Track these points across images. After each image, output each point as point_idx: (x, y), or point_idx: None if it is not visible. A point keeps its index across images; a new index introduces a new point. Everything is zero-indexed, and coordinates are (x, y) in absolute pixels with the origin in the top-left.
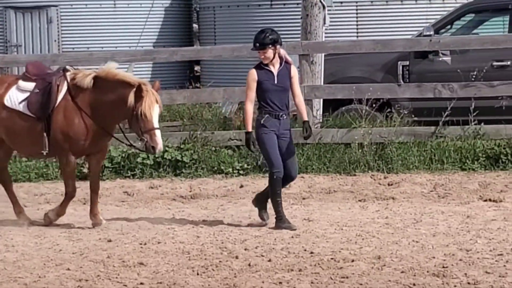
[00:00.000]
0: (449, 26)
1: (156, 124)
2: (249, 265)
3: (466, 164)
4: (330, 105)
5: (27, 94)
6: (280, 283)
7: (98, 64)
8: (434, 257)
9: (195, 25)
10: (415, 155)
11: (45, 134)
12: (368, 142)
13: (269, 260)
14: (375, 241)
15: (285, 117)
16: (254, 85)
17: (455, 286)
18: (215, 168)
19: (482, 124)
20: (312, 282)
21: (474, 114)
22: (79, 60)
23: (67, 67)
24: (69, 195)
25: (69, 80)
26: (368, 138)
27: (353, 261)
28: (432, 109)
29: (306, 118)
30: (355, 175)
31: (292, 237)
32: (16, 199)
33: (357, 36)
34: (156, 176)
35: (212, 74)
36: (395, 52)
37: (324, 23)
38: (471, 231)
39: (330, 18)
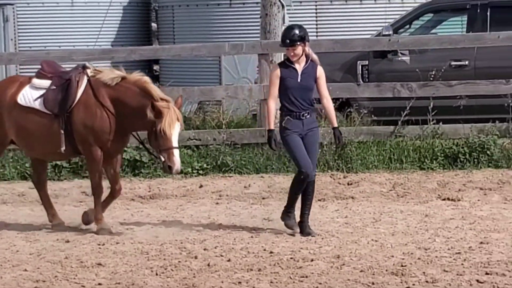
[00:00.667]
0: (408, 26)
1: (175, 143)
2: (208, 265)
3: (425, 163)
4: None
5: (43, 91)
6: (240, 282)
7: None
8: (393, 256)
9: (154, 24)
10: (375, 154)
11: (62, 132)
12: (328, 142)
13: (229, 260)
14: (334, 240)
15: (307, 116)
16: (277, 82)
17: (413, 284)
18: None
19: (441, 123)
20: (271, 282)
21: (433, 113)
22: (36, 59)
23: (86, 63)
24: (97, 192)
25: (89, 76)
26: (328, 138)
27: (312, 260)
28: (391, 108)
29: (335, 124)
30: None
31: (252, 237)
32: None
33: (317, 36)
34: None
35: (171, 74)
36: (354, 52)
37: (283, 22)
38: (430, 230)
39: (290, 17)
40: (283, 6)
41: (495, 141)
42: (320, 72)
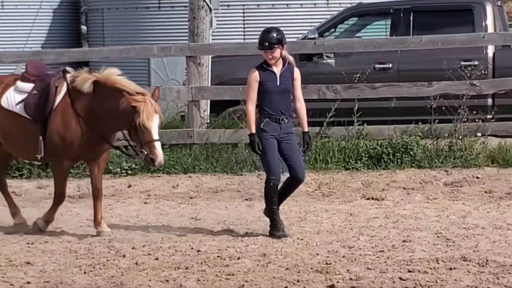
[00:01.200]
0: (333, 30)
1: (155, 135)
2: (136, 263)
3: (349, 163)
4: (219, 106)
5: (25, 95)
6: (167, 281)
7: None
8: (318, 254)
9: (83, 27)
10: (299, 154)
11: (41, 138)
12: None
13: (156, 259)
14: (260, 239)
15: (286, 120)
16: (256, 86)
17: (337, 282)
18: (105, 168)
19: (365, 124)
20: (198, 280)
21: (358, 115)
22: None
23: (67, 68)
24: (58, 200)
25: (69, 82)
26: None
27: (239, 258)
28: (317, 110)
29: (306, 129)
30: (242, 174)
31: (179, 235)
32: (11, 200)
33: (244, 39)
34: (44, 176)
35: None
36: None
37: (211, 25)
38: (354, 228)
39: (217, 20)
40: (210, 9)
41: (418, 142)
42: (297, 74)
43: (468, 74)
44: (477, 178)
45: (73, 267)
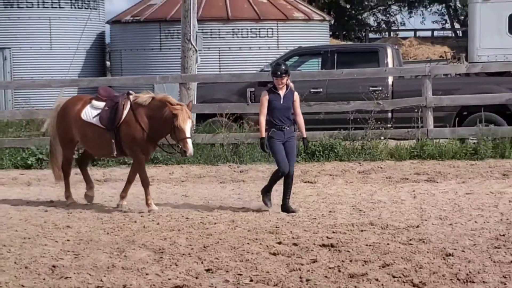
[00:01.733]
0: None
1: (188, 134)
2: (144, 227)
3: None
4: (202, 118)
5: (99, 111)
6: (165, 239)
7: (40, 88)
8: (270, 221)
9: (108, 62)
10: (259, 152)
11: (113, 141)
12: (227, 143)
13: (158, 224)
14: (230, 210)
15: (287, 128)
16: (266, 103)
17: (284, 239)
18: (121, 160)
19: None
20: (187, 238)
21: None
22: (25, 86)
23: (130, 91)
24: (145, 184)
25: (131, 101)
26: (227, 140)
27: (215, 223)
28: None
29: (305, 135)
30: (217, 165)
31: (174, 207)
32: (90, 179)
33: (220, 71)
34: None
35: None
36: (245, 82)
37: (197, 61)
38: (295, 203)
39: (201, 58)
40: (196, 50)
41: (340, 143)
42: (296, 96)
43: (375, 96)
44: (381, 168)
45: (99, 229)
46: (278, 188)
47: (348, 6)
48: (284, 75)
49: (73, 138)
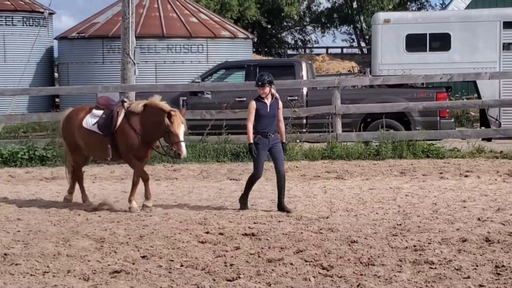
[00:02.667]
0: (210, 77)
1: (181, 138)
2: (87, 219)
3: (219, 158)
4: None
5: (98, 118)
6: (106, 229)
7: None
8: (199, 213)
9: (56, 74)
10: (190, 152)
11: (109, 146)
12: (163, 145)
13: (99, 216)
14: (164, 205)
15: (272, 135)
16: (253, 111)
17: (211, 230)
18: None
19: (229, 134)
20: (125, 229)
21: (225, 128)
22: None
23: (124, 99)
24: (145, 178)
25: (126, 108)
26: (162, 142)
27: (151, 216)
28: (201, 125)
29: (284, 140)
30: (153, 164)
31: (114, 202)
32: (84, 190)
33: (156, 81)
34: (30, 165)
35: (67, 103)
36: (178, 92)
37: (135, 73)
38: (222, 197)
39: (139, 70)
40: (134, 63)
41: None
42: (280, 105)
43: (292, 105)
44: (296, 167)
45: (47, 221)
46: (273, 190)
47: (269, 26)
48: (266, 84)
49: (78, 144)
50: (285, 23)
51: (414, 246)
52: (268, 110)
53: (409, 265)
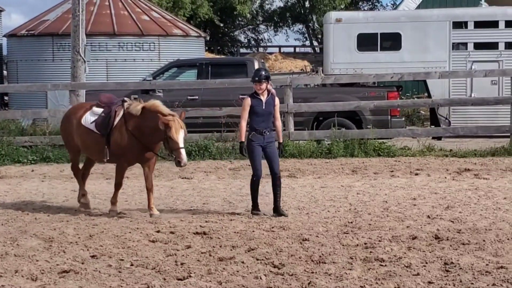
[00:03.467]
0: (162, 75)
1: (181, 144)
2: (35, 218)
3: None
4: None
5: (97, 117)
6: (55, 229)
7: None
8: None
9: (5, 71)
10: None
11: (106, 147)
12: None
13: (48, 215)
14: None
15: (268, 133)
16: (248, 108)
17: (162, 228)
18: (16, 159)
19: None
20: (74, 228)
21: None
22: None
23: (125, 98)
24: (117, 187)
25: (125, 108)
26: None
27: (100, 215)
28: None
29: (281, 140)
30: (103, 163)
31: (64, 201)
32: (83, 187)
33: (107, 79)
34: None
35: (16, 101)
36: (130, 90)
37: (85, 71)
38: (173, 196)
39: (89, 68)
40: (85, 61)
41: (213, 144)
42: (277, 101)
43: None
44: (248, 165)
45: None
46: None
47: (222, 25)
48: (263, 80)
49: (76, 143)
50: (238, 22)
51: (365, 243)
52: (264, 107)
53: (360, 262)
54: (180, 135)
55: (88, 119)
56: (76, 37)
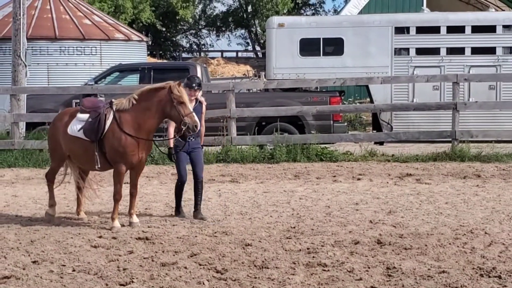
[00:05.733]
0: (104, 79)
1: (191, 108)
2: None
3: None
4: (31, 126)
5: (83, 123)
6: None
7: None
8: (92, 217)
9: None
10: None
11: (96, 154)
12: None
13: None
14: (71, 204)
15: (193, 139)
16: None
17: (104, 234)
18: None
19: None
20: (15, 234)
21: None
22: None
23: (113, 99)
24: (116, 198)
25: (114, 109)
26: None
27: (42, 220)
28: None
29: (201, 143)
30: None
31: (5, 206)
32: (80, 200)
33: (48, 84)
34: None
35: None
36: (71, 94)
37: (26, 75)
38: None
39: (30, 72)
40: (26, 65)
41: (155, 149)
42: (204, 109)
43: None
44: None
45: None
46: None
47: (164, 29)
48: (198, 88)
49: (63, 153)
50: (180, 27)
51: (308, 248)
52: None
53: (303, 267)
54: (186, 96)
55: (75, 126)
56: (17, 41)
